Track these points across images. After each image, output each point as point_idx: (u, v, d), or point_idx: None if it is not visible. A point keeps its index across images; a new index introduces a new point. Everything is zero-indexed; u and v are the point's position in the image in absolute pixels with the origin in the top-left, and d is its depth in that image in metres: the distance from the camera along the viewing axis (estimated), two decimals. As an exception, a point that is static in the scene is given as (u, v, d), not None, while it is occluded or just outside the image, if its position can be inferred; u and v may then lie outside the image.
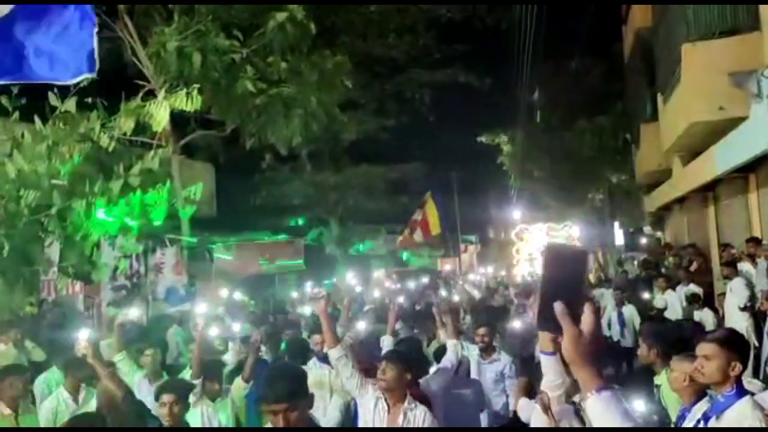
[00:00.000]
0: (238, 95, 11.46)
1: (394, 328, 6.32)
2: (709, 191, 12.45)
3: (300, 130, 12.32)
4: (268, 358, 6.43)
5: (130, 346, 6.04)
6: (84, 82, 5.50)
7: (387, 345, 5.84)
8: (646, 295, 10.93)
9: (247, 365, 5.59)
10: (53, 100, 5.84)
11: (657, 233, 19.47)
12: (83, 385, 5.40)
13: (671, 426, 3.75)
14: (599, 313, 1.47)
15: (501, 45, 23.83)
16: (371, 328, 6.95)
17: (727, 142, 9.68)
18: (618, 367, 9.99)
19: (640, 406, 3.69)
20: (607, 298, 11.43)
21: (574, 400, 3.70)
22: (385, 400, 4.06)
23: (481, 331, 6.29)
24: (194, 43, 10.75)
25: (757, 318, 8.61)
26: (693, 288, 10.18)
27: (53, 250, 7.44)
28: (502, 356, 6.28)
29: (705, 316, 9.24)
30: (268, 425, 2.62)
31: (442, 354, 5.45)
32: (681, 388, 3.56)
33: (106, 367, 4.56)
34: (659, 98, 13.69)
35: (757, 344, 8.15)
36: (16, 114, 6.15)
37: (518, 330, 7.73)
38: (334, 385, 5.65)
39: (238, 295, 7.78)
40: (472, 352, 6.30)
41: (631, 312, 10.55)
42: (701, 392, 3.44)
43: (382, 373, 4.03)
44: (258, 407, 5.12)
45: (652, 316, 9.44)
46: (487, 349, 6.23)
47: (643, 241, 18.93)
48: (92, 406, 4.87)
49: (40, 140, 5.52)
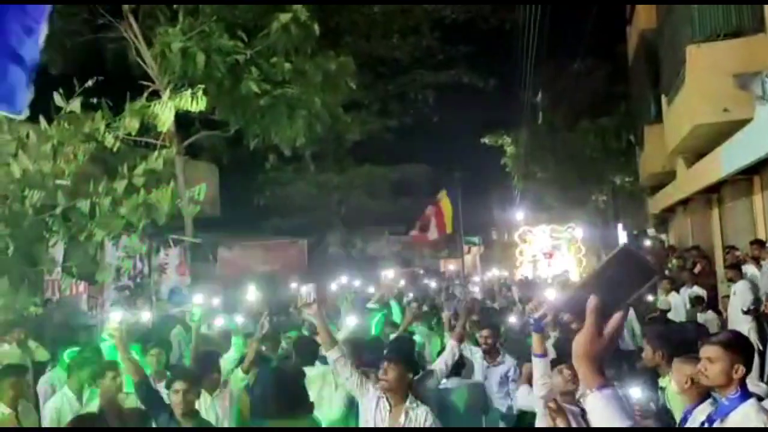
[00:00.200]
0: (242, 96, 11.48)
1: (407, 328, 6.32)
2: (714, 193, 12.42)
3: (304, 131, 12.34)
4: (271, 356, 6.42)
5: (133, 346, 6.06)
6: (89, 82, 5.50)
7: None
8: (649, 298, 10.88)
9: (248, 356, 5.60)
10: (58, 100, 5.84)
11: (661, 235, 19.42)
12: (87, 384, 5.41)
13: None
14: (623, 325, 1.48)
15: (505, 46, 23.82)
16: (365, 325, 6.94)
17: (732, 143, 9.66)
18: (616, 369, 9.92)
19: (636, 393, 3.69)
20: None
21: (579, 402, 3.70)
22: (387, 399, 4.05)
23: (484, 333, 6.23)
24: (198, 43, 10.78)
25: (761, 321, 8.59)
26: (697, 290, 10.14)
27: (57, 250, 7.45)
28: (506, 359, 6.21)
29: (709, 319, 9.21)
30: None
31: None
32: (683, 390, 3.56)
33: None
34: (663, 100, 13.67)
35: (761, 347, 8.11)
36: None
37: (519, 330, 7.70)
38: (338, 379, 5.65)
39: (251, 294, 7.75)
40: (476, 354, 6.25)
41: (631, 315, 10.51)
42: (704, 394, 3.43)
43: (384, 373, 4.03)
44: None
45: (656, 318, 9.41)
46: (490, 352, 6.16)
47: (647, 243, 18.85)
48: (96, 405, 4.88)
49: (45, 140, 5.53)
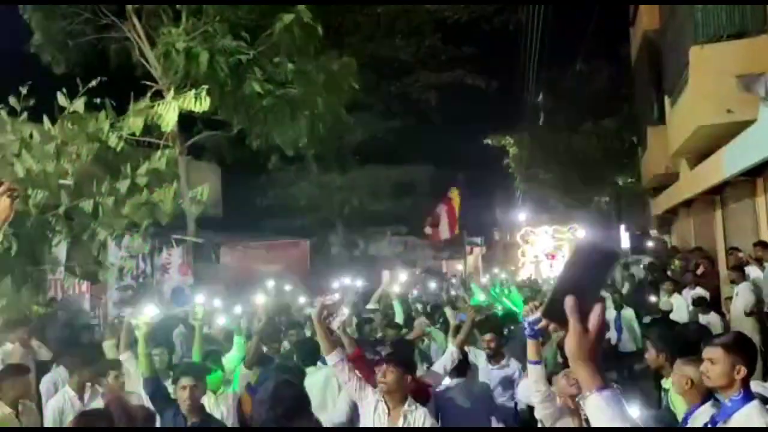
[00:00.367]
0: (245, 96, 11.49)
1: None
2: (717, 194, 12.39)
3: (306, 132, 12.34)
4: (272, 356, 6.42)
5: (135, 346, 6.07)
6: (93, 82, 5.52)
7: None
8: (652, 298, 10.85)
9: (248, 352, 5.65)
10: (62, 100, 5.86)
11: (663, 236, 19.40)
12: (89, 384, 5.42)
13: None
14: (605, 316, 1.47)
15: (508, 47, 23.83)
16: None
17: (735, 145, 9.64)
18: (612, 370, 9.88)
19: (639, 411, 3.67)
20: (608, 301, 11.35)
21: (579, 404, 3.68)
22: (385, 402, 4.04)
23: (487, 337, 6.14)
24: (202, 44, 10.79)
25: (764, 322, 8.57)
26: (700, 291, 10.12)
27: (60, 249, 7.47)
28: (511, 362, 6.12)
29: (711, 320, 9.18)
30: None
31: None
32: (684, 392, 3.56)
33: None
34: (666, 101, 13.65)
35: (764, 349, 8.09)
36: (25, 114, 6.18)
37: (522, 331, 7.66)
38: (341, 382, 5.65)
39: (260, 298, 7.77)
40: (480, 357, 6.19)
41: (630, 316, 10.45)
42: (705, 396, 3.43)
43: (383, 376, 4.02)
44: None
45: (658, 319, 9.39)
46: (494, 356, 6.09)
47: (650, 244, 18.83)
48: (97, 405, 4.88)
49: (48, 140, 5.54)
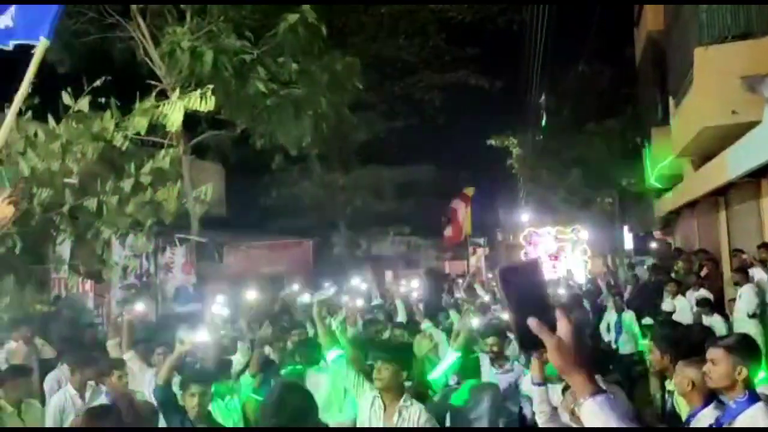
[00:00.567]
0: (249, 96, 11.49)
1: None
2: (721, 196, 12.37)
3: (310, 131, 12.34)
4: (275, 358, 6.43)
5: (138, 344, 6.08)
6: (97, 82, 5.52)
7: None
8: (655, 300, 10.83)
9: (253, 361, 5.67)
10: (66, 99, 5.86)
11: (667, 238, 19.36)
12: (90, 382, 5.43)
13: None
14: (570, 318, 1.46)
15: (512, 48, 23.80)
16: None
17: (740, 146, 9.61)
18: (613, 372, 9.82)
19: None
20: (610, 303, 11.31)
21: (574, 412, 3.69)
22: (381, 399, 4.05)
23: (490, 341, 6.11)
24: (206, 43, 10.80)
25: (766, 325, 8.54)
26: (703, 293, 10.09)
27: (64, 248, 7.48)
28: (515, 366, 6.13)
29: (715, 322, 9.16)
30: None
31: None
32: (685, 393, 3.56)
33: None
34: (671, 102, 13.62)
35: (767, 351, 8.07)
36: (30, 113, 6.18)
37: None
38: (347, 384, 5.64)
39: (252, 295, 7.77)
40: (484, 361, 6.17)
41: (630, 318, 10.41)
42: (707, 398, 3.42)
43: (378, 373, 4.04)
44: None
45: (662, 321, 9.37)
46: (497, 359, 6.06)
47: (653, 245, 18.82)
48: (98, 403, 4.89)
49: (53, 139, 5.55)
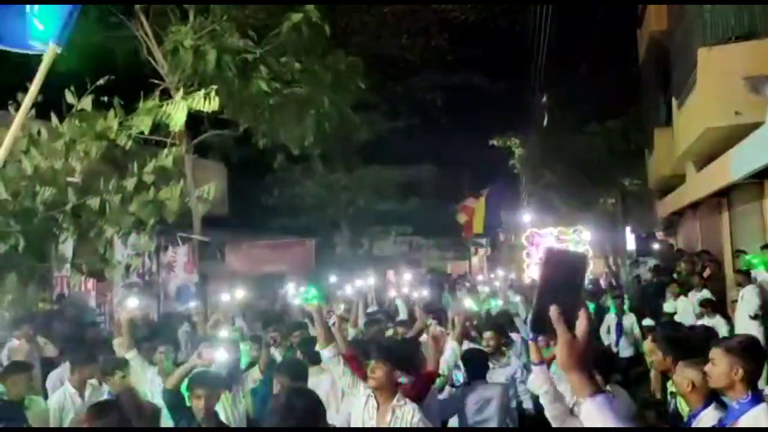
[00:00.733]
0: (251, 95, 11.49)
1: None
2: (723, 197, 12.35)
3: (312, 131, 12.34)
4: (278, 356, 6.46)
5: (141, 344, 6.10)
6: (100, 80, 5.51)
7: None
8: (658, 301, 10.83)
9: (261, 360, 5.88)
10: (70, 97, 5.86)
11: (669, 239, 19.33)
12: (90, 381, 5.44)
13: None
14: (591, 319, 1.47)
15: (514, 48, 23.74)
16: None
17: (743, 147, 9.60)
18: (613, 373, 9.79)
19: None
20: (611, 305, 11.30)
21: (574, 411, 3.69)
22: (375, 398, 4.06)
23: (487, 335, 6.21)
24: (209, 42, 10.81)
25: (768, 326, 8.54)
26: (706, 294, 10.09)
27: (67, 246, 7.48)
28: (512, 361, 6.21)
29: (717, 323, 9.15)
30: None
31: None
32: (685, 394, 3.57)
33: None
34: (674, 103, 13.60)
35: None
36: (33, 111, 6.19)
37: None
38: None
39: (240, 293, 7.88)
40: None
41: (630, 321, 10.39)
42: (707, 399, 3.44)
43: (372, 372, 4.04)
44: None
45: (665, 322, 9.36)
46: (495, 354, 6.11)
47: (656, 246, 18.78)
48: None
49: (56, 137, 5.55)
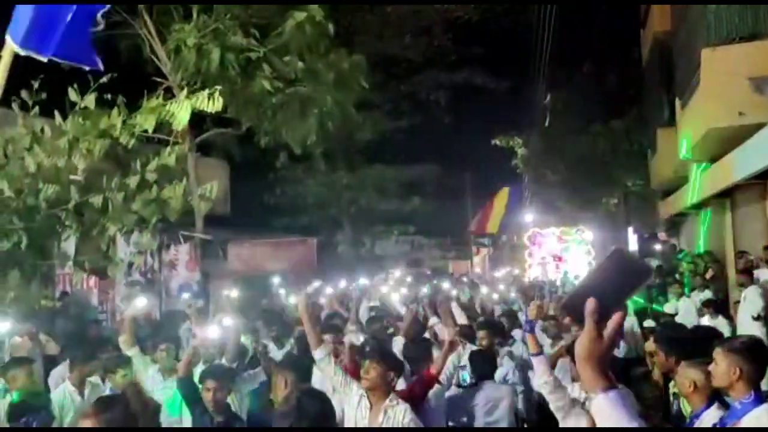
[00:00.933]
0: (254, 94, 11.50)
1: (408, 330, 6.25)
2: (727, 197, 12.33)
3: (315, 130, 12.35)
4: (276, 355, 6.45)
5: (143, 341, 6.11)
6: (104, 78, 5.53)
7: (398, 346, 5.83)
8: (660, 301, 10.81)
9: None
10: (73, 95, 5.87)
11: (672, 239, 19.29)
12: (89, 379, 5.45)
13: None
14: (622, 325, 1.47)
15: (517, 47, 23.76)
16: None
17: (746, 148, 9.58)
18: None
19: None
20: None
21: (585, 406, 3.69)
22: (368, 398, 4.06)
23: (481, 334, 6.22)
24: (212, 41, 10.82)
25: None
26: (708, 294, 10.07)
27: (70, 244, 7.49)
28: (505, 361, 6.21)
29: (719, 324, 9.13)
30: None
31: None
32: (688, 394, 3.57)
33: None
34: (677, 103, 13.58)
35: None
36: (36, 108, 6.20)
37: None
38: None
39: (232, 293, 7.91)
40: None
41: (631, 322, 10.36)
42: (709, 399, 3.43)
43: (366, 372, 4.04)
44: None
45: (667, 323, 9.34)
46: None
47: (658, 247, 18.75)
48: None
49: (59, 135, 5.56)
